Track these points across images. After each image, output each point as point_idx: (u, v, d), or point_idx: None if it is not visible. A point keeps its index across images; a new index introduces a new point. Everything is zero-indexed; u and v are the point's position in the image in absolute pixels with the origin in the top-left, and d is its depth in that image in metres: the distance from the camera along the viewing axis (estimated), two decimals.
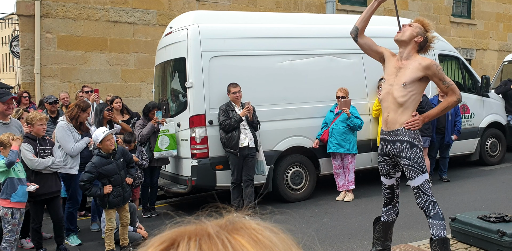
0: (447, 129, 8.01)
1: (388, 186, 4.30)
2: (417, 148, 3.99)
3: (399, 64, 4.03)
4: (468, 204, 6.57)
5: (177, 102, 7.16)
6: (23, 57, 9.71)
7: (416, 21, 4.10)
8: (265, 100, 6.81)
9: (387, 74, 4.14)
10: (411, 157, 3.97)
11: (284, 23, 7.35)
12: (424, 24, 4.04)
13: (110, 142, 5.00)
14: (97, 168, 4.93)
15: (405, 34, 3.98)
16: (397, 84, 3.99)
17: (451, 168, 8.72)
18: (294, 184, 7.13)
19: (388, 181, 4.28)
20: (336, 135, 6.99)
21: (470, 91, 9.10)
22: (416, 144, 3.98)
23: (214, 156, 6.49)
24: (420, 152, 4.02)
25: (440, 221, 4.00)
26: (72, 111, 5.64)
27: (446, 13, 15.44)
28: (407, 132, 3.97)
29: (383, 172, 4.27)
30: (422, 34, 3.99)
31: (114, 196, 5.04)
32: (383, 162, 4.23)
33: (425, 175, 4.01)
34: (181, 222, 0.71)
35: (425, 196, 4.00)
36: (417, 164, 3.98)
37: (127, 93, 10.53)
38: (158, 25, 10.58)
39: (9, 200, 4.57)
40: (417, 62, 3.93)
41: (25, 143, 4.98)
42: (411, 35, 3.96)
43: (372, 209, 6.49)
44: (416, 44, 3.98)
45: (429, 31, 4.03)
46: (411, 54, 3.99)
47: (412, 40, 3.97)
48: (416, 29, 3.99)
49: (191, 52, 6.44)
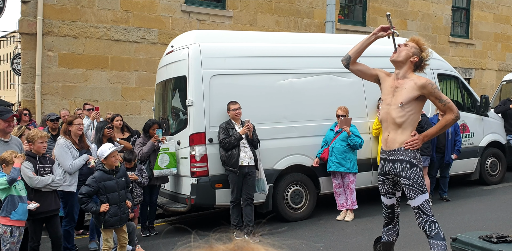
0: (447, 148, 8.01)
1: (388, 205, 4.28)
2: (417, 167, 3.98)
3: (395, 84, 4.05)
4: (469, 223, 6.52)
5: (177, 120, 7.18)
6: (24, 75, 9.76)
7: (411, 41, 4.12)
8: (265, 119, 6.83)
9: (384, 94, 4.16)
10: (411, 177, 3.96)
11: (284, 42, 7.42)
12: (419, 44, 4.07)
13: (115, 158, 5.05)
14: (97, 182, 4.95)
15: (401, 55, 4.00)
16: (395, 104, 4.01)
17: (452, 187, 8.69)
18: (294, 203, 7.08)
19: (389, 201, 4.27)
20: (336, 154, 6.98)
21: (470, 110, 9.13)
22: (416, 163, 3.98)
23: (213, 174, 6.47)
24: (420, 171, 4.01)
25: (441, 241, 3.97)
26: (62, 128, 5.69)
27: (445, 33, 15.61)
28: (407, 151, 3.98)
29: (383, 191, 4.26)
30: (417, 54, 4.02)
31: (110, 215, 5.00)
32: (383, 182, 4.23)
33: (425, 194, 4.00)
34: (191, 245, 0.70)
35: (425, 216, 3.98)
36: (417, 184, 3.97)
37: (127, 111, 10.55)
38: (159, 44, 10.67)
39: (9, 218, 4.54)
40: (412, 82, 3.95)
41: (25, 160, 4.97)
42: (406, 56, 3.99)
43: (372, 228, 6.44)
44: (412, 64, 4.01)
45: (424, 51, 4.06)
46: (407, 74, 4.02)
47: (408, 60, 4.00)
48: (411, 49, 4.01)
49: (192, 70, 6.48)
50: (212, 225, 7.24)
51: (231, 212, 6.34)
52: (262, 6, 12.12)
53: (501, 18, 17.12)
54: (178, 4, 11.04)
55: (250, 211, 6.28)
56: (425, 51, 4.06)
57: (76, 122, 5.68)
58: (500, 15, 17.08)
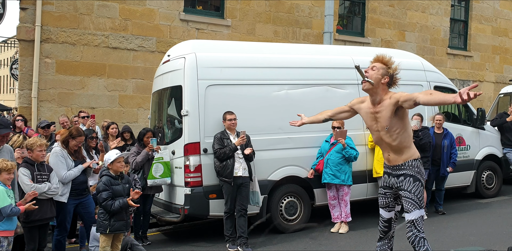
0: (443, 160, 7.99)
1: (386, 219, 4.26)
2: (420, 182, 4.03)
3: (375, 110, 4.04)
4: (464, 237, 6.48)
5: (172, 130, 7.15)
6: (21, 81, 9.75)
7: (375, 61, 4.05)
8: (261, 129, 6.80)
9: (367, 122, 4.20)
10: (412, 190, 4.00)
11: (281, 53, 7.42)
12: (384, 61, 4.01)
13: (121, 164, 5.21)
14: (109, 186, 5.07)
15: (373, 81, 3.92)
16: (382, 129, 4.02)
17: (447, 200, 8.66)
18: (289, 214, 7.04)
19: (387, 214, 4.26)
20: (331, 165, 6.95)
21: (466, 123, 9.13)
22: (419, 178, 4.03)
23: (208, 184, 6.43)
24: (421, 186, 4.04)
25: None
26: (63, 136, 5.66)
27: (443, 44, 15.67)
28: (411, 166, 4.03)
29: (383, 204, 4.25)
30: (386, 73, 3.96)
31: (116, 219, 5.08)
32: (384, 195, 4.24)
33: (422, 210, 4.02)
34: None
35: (416, 231, 3.99)
36: (416, 198, 4.00)
37: (124, 119, 10.53)
38: (157, 52, 10.68)
39: None
40: (387, 101, 3.93)
41: (23, 167, 5.00)
42: (377, 79, 3.93)
43: (366, 241, 6.39)
44: (384, 85, 3.96)
45: (391, 66, 3.99)
46: (383, 96, 3.97)
47: (380, 83, 3.94)
48: (379, 71, 3.95)
49: (188, 80, 6.47)
50: (205, 235, 7.18)
51: (225, 223, 6.29)
52: (260, 15, 12.16)
53: (499, 30, 17.19)
54: (177, 12, 11.07)
55: (243, 222, 6.23)
56: (391, 66, 3.99)
57: (78, 139, 5.68)
58: (498, 28, 17.16)
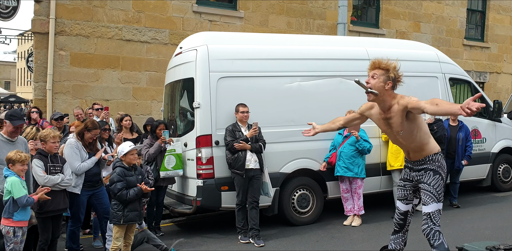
0: (458, 153, 7.89)
1: (402, 211, 4.25)
2: (440, 176, 4.02)
3: (385, 116, 4.01)
4: (478, 231, 6.40)
5: (184, 122, 7.16)
6: (36, 74, 9.84)
7: (373, 68, 3.94)
8: (273, 122, 6.77)
9: (380, 127, 4.20)
10: (432, 183, 3.99)
11: (293, 44, 7.35)
12: (382, 66, 3.90)
13: (134, 156, 5.23)
14: (123, 177, 5.10)
15: (376, 92, 3.86)
16: (397, 134, 4.00)
17: (462, 194, 8.55)
18: (301, 207, 7.02)
19: (404, 207, 4.25)
20: (344, 158, 6.90)
21: (482, 115, 8.98)
22: (440, 172, 4.02)
23: (219, 176, 6.44)
24: (442, 180, 4.02)
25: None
26: (78, 128, 5.71)
27: (459, 36, 15.40)
28: (432, 160, 4.02)
29: (401, 196, 4.25)
30: (388, 78, 3.86)
31: (129, 209, 5.12)
32: (403, 187, 4.24)
33: (439, 204, 4.00)
34: None
35: (432, 224, 3.97)
36: (435, 191, 3.98)
37: (138, 111, 10.58)
38: (170, 44, 10.68)
39: (12, 219, 4.57)
40: (396, 106, 3.88)
41: (36, 158, 5.05)
42: (380, 88, 3.85)
43: (379, 235, 6.36)
44: (389, 90, 3.87)
45: (390, 67, 3.89)
46: (392, 101, 3.91)
47: (384, 90, 3.86)
48: (380, 78, 3.86)
49: (200, 72, 6.46)
50: (218, 227, 7.20)
51: (236, 215, 6.31)
52: (273, 7, 12.06)
53: None
54: (190, 4, 11.04)
55: (255, 215, 6.24)
56: (390, 67, 3.88)
57: (93, 132, 5.70)
58: None
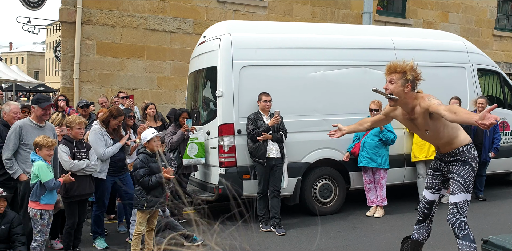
0: (485, 145, 7.73)
1: (428, 201, 4.22)
2: (470, 166, 3.96)
3: (410, 117, 4.03)
4: (504, 225, 6.28)
5: (207, 111, 7.20)
6: (64, 62, 10.01)
7: (389, 72, 3.91)
8: (295, 111, 6.75)
9: (407, 126, 4.32)
10: (461, 173, 3.95)
11: (317, 33, 7.28)
12: (399, 70, 3.86)
13: (157, 143, 5.25)
14: (146, 163, 5.13)
15: (396, 97, 3.87)
16: (424, 132, 4.01)
17: (488, 187, 8.39)
18: (323, 197, 7.00)
19: (431, 196, 4.22)
20: (367, 149, 6.84)
21: (511, 107, 8.76)
22: (471, 163, 3.97)
23: (241, 165, 6.46)
24: (472, 171, 3.96)
25: (470, 243, 3.85)
26: (103, 116, 5.79)
27: (489, 26, 15.00)
28: (462, 152, 3.98)
29: (429, 185, 4.23)
30: (406, 81, 3.83)
31: (153, 195, 5.16)
32: (432, 176, 4.23)
33: (467, 195, 3.94)
34: None
35: (458, 214, 3.91)
36: (464, 181, 3.94)
37: (162, 100, 10.68)
38: (195, 34, 10.71)
39: (39, 202, 4.69)
40: (418, 108, 3.89)
41: (62, 144, 5.16)
42: (400, 92, 3.85)
43: (402, 226, 6.30)
44: (409, 92, 3.85)
45: (406, 68, 3.85)
46: (414, 102, 3.91)
47: (404, 94, 3.85)
48: (398, 82, 3.85)
49: (223, 61, 6.46)
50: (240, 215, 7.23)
51: (258, 203, 6.33)
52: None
53: None
54: None
55: (276, 203, 6.25)
56: (407, 69, 3.85)
57: (119, 119, 5.78)
58: None
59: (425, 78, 7.90)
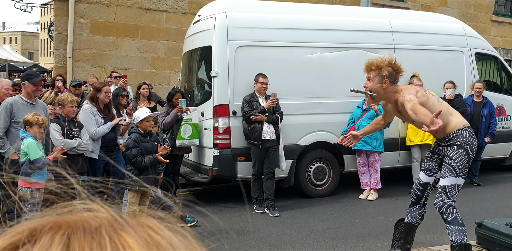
0: (481, 130, 7.70)
1: (423, 182, 4.20)
2: (464, 150, 3.91)
3: (397, 109, 4.13)
4: (498, 210, 6.29)
5: (202, 92, 7.10)
6: (57, 41, 9.84)
7: (367, 70, 3.98)
8: (291, 93, 6.67)
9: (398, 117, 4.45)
10: (454, 157, 3.91)
11: (314, 14, 7.16)
12: (374, 67, 3.93)
13: (149, 123, 5.17)
14: (138, 143, 5.06)
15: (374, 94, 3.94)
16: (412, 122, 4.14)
17: (483, 172, 8.39)
18: (317, 180, 6.98)
19: (426, 178, 4.21)
20: None
21: (508, 93, 8.72)
22: (465, 146, 3.92)
23: (236, 147, 6.41)
24: (466, 155, 3.91)
25: (459, 226, 3.82)
26: (90, 93, 5.72)
27: (487, 11, 14.86)
28: (456, 137, 3.96)
29: (426, 167, 4.22)
30: (381, 78, 3.89)
31: (145, 175, 5.08)
32: (430, 158, 4.22)
33: (458, 179, 3.90)
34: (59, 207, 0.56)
35: (446, 198, 3.87)
36: (455, 164, 3.90)
37: (156, 81, 10.54)
38: (190, 14, 10.52)
39: (29, 180, 4.61)
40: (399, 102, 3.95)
41: (54, 123, 5.08)
42: (378, 89, 3.92)
43: (395, 209, 6.30)
44: (387, 87, 3.91)
45: (383, 64, 3.91)
46: (393, 96, 3.98)
47: (382, 89, 3.91)
48: (375, 79, 3.92)
49: (218, 41, 6.35)
50: (233, 197, 7.23)
51: (252, 185, 6.30)
52: None
53: None
54: None
55: (271, 185, 6.22)
56: (383, 64, 3.91)
57: (104, 90, 5.67)
58: None
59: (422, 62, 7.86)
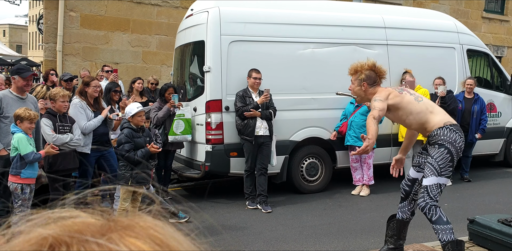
0: (471, 126, 7.74)
1: (411, 178, 4.21)
2: (446, 149, 3.87)
3: None
4: (489, 206, 6.34)
5: (194, 87, 7.05)
6: (46, 35, 9.71)
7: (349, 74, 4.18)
8: (284, 89, 6.64)
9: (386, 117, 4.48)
10: (435, 156, 3.88)
11: (308, 10, 7.13)
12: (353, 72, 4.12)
13: (141, 118, 5.13)
14: (131, 138, 5.02)
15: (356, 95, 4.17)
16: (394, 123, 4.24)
17: (474, 168, 8.45)
18: (309, 176, 6.98)
19: (414, 174, 4.21)
20: (355, 128, 6.80)
21: (498, 89, 8.77)
22: (447, 146, 3.88)
23: (229, 142, 6.38)
24: (448, 154, 3.86)
25: (445, 225, 3.80)
26: (78, 87, 5.65)
27: (478, 8, 14.93)
28: (437, 135, 3.94)
29: (416, 163, 4.22)
30: (360, 81, 4.07)
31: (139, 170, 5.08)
32: (420, 154, 4.22)
33: (440, 178, 3.85)
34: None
35: (428, 198, 3.83)
36: (436, 164, 3.86)
37: (147, 75, 10.42)
38: (181, 8, 10.44)
39: (19, 176, 4.56)
40: None
41: (45, 118, 5.02)
42: (358, 92, 4.12)
43: (387, 205, 6.32)
44: (367, 89, 4.07)
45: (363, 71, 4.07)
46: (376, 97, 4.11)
47: (362, 91, 4.09)
48: (355, 82, 4.12)
49: (211, 35, 6.30)
50: (226, 192, 7.21)
51: (245, 181, 6.29)
52: None
53: None
54: None
55: (263, 181, 6.21)
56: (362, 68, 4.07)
57: (93, 84, 5.60)
58: None
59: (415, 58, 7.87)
